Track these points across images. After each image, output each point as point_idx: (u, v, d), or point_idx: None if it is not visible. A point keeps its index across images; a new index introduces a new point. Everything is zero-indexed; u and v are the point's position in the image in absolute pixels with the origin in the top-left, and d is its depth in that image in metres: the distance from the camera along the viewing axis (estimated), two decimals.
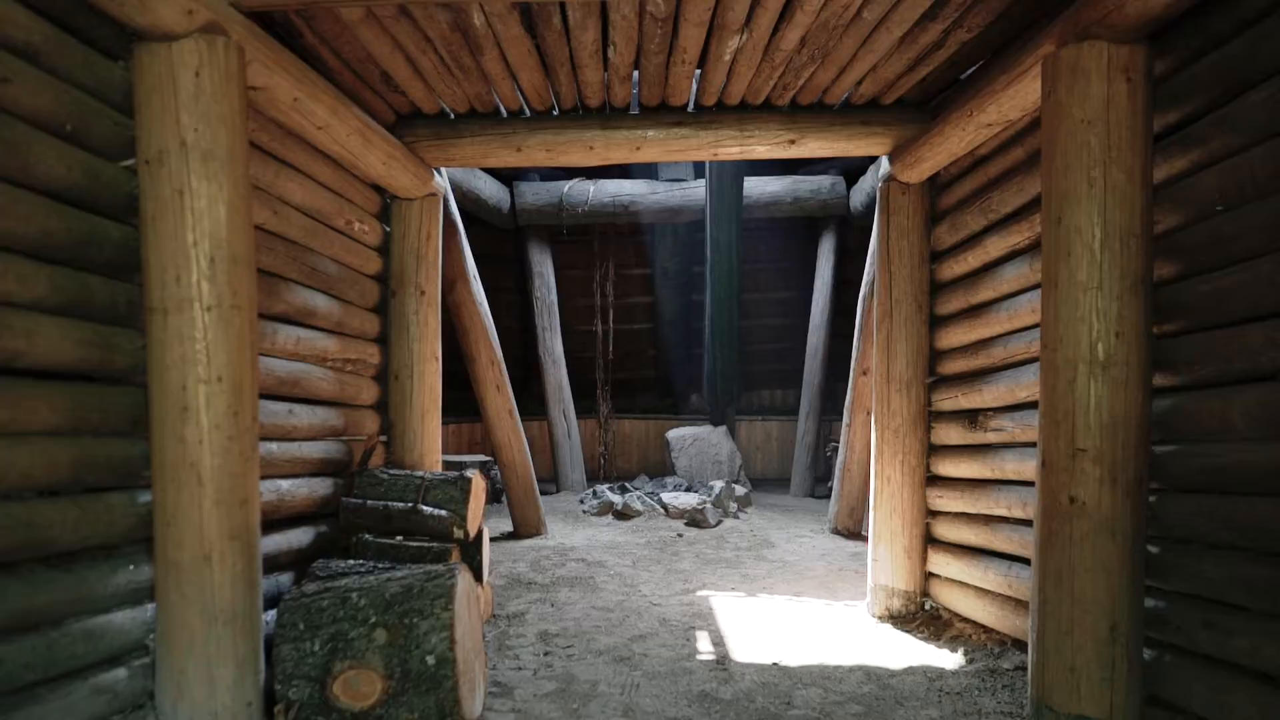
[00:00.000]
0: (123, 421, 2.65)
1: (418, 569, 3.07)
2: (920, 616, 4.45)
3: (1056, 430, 2.70)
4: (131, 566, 2.66)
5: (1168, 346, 2.69)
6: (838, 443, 9.15)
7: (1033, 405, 3.57)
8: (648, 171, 10.12)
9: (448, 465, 9.06)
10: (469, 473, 4.28)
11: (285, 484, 3.71)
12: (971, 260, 4.12)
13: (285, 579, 3.71)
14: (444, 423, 10.80)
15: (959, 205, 4.28)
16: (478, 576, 4.34)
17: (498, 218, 9.70)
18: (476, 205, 9.10)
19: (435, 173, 5.00)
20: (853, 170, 9.73)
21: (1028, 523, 3.57)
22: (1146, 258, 2.64)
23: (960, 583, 4.19)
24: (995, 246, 3.86)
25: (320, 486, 4.04)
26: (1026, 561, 3.59)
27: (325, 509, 4.12)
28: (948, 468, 4.34)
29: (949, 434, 4.33)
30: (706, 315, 10.07)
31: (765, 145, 4.69)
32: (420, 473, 4.29)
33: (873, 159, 9.01)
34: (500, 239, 11.40)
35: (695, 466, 9.71)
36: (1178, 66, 2.66)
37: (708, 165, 9.23)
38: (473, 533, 4.27)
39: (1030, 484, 3.57)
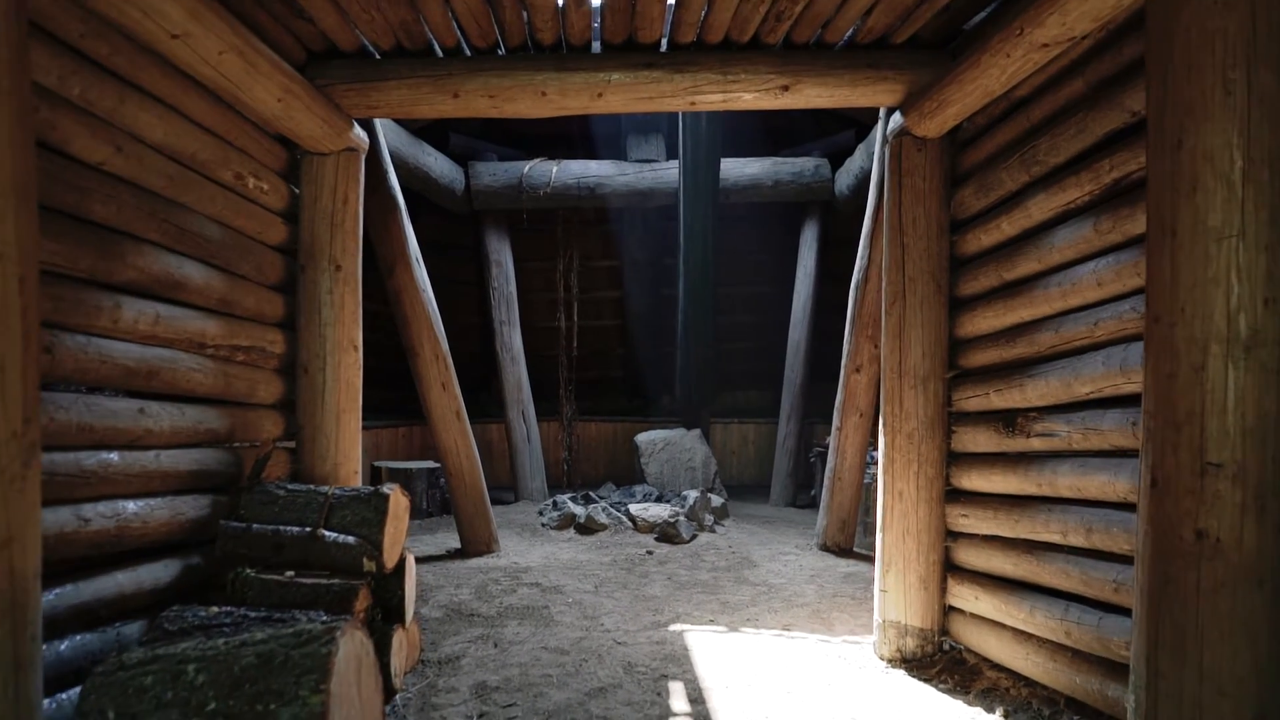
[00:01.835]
0: None
1: (286, 629, 2.21)
2: (939, 660, 3.68)
3: (1176, 436, 1.93)
4: None
5: None
6: (823, 447, 8.41)
7: (1098, 404, 2.81)
8: (615, 152, 9.30)
9: (393, 473, 8.16)
10: (386, 488, 3.43)
11: (132, 505, 2.83)
12: (1007, 227, 3.36)
13: (133, 629, 2.82)
14: (392, 425, 9.96)
15: (989, 162, 3.52)
16: (398, 616, 3.49)
17: (450, 200, 8.82)
18: (426, 185, 8.22)
19: (356, 124, 4.14)
20: (837, 153, 9.01)
21: (1095, 554, 2.80)
22: None
23: (993, 622, 3.42)
24: (1041, 207, 3.10)
25: (190, 507, 3.17)
26: (1090, 603, 2.83)
27: (199, 535, 3.24)
28: (974, 480, 3.58)
29: (976, 440, 3.57)
30: (679, 308, 9.26)
31: (753, 92, 3.91)
32: (324, 488, 3.43)
33: (860, 138, 8.31)
34: (459, 228, 10.50)
35: (667, 473, 8.90)
36: None
37: (681, 145, 8.42)
38: (391, 562, 3.42)
39: (1095, 504, 2.81)
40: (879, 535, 3.89)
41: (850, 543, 6.34)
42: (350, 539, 3.25)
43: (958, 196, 3.78)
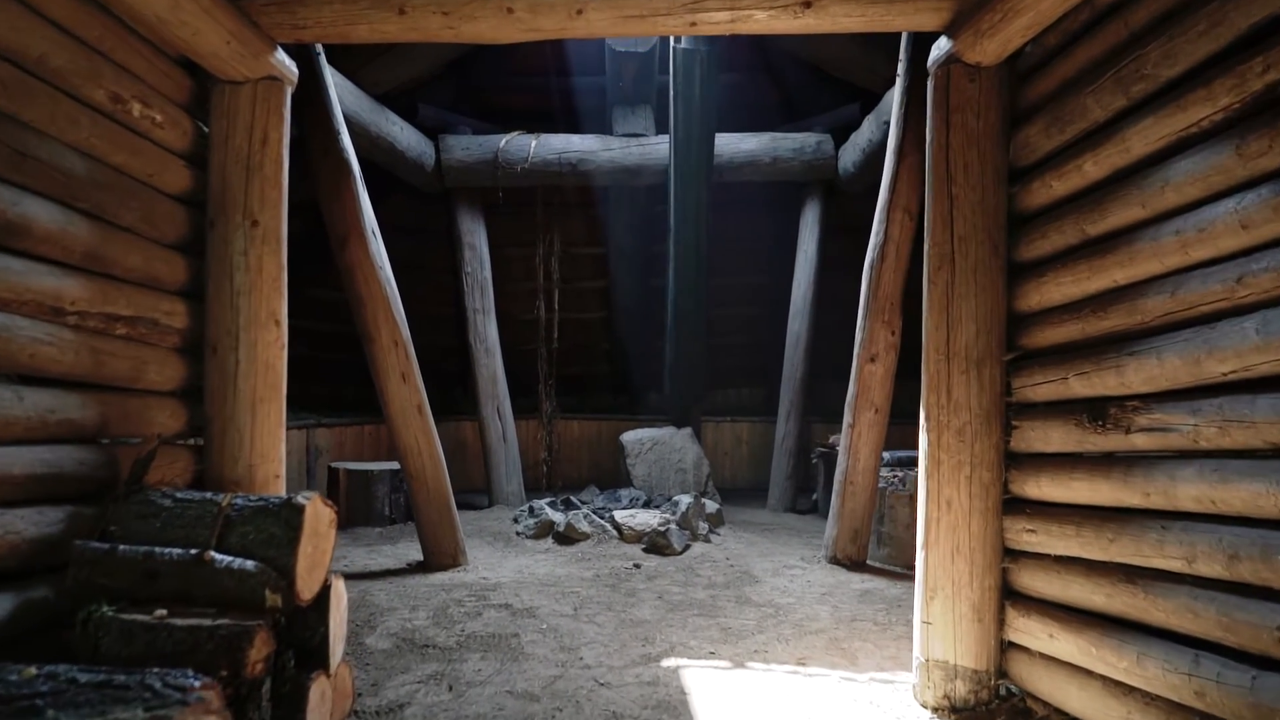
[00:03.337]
0: None
1: (113, 714, 1.46)
2: (999, 710, 2.97)
3: None
4: None
5: None
6: (825, 448, 7.71)
7: (1242, 387, 2.10)
8: (600, 125, 8.54)
9: (352, 475, 7.36)
10: (301, 496, 2.67)
11: None
12: (1092, 168, 2.65)
13: None
14: (356, 424, 9.15)
15: (1066, 88, 2.81)
16: (320, 661, 2.73)
17: (420, 176, 8.04)
18: (391, 158, 7.43)
19: (281, 50, 3.38)
20: (840, 128, 8.30)
21: (1241, 589, 2.08)
22: None
23: (1073, 667, 2.71)
24: (1146, 136, 2.40)
25: (29, 522, 2.40)
26: (1235, 654, 2.11)
27: (48, 560, 2.48)
28: (1045, 487, 2.86)
29: (1047, 437, 2.86)
30: (669, 297, 8.51)
31: (767, 10, 3.19)
32: (220, 496, 2.67)
33: (866, 111, 7.60)
34: (431, 211, 9.69)
35: (655, 475, 8.16)
36: None
37: (672, 116, 7.63)
38: (308, 592, 2.66)
39: (1238, 522, 2.09)
40: (921, 554, 3.18)
41: (863, 555, 5.62)
42: (249, 564, 2.49)
43: (1019, 137, 3.07)
